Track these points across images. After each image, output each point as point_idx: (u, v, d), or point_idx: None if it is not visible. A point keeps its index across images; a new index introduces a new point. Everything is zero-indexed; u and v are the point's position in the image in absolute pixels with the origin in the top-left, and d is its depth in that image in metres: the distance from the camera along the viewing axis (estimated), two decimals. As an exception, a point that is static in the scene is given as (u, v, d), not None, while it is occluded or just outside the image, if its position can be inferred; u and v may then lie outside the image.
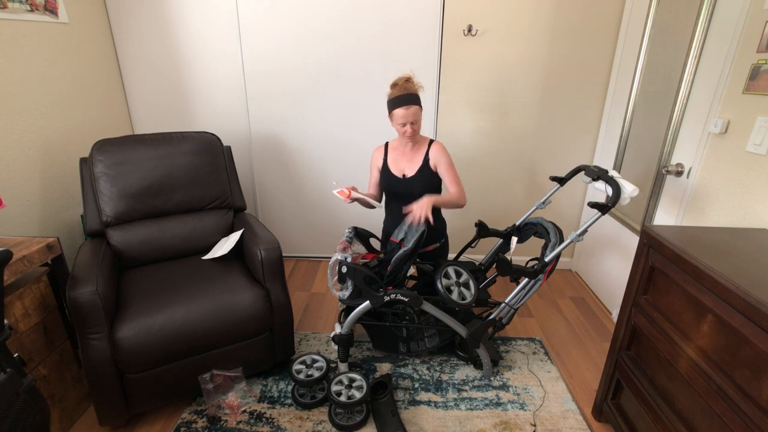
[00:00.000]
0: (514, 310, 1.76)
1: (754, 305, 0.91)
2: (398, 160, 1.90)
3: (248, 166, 2.66)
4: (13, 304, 1.32)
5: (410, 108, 1.70)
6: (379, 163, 1.94)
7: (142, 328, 1.44)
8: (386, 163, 1.91)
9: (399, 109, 1.71)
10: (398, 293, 1.61)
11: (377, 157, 1.96)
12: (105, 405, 1.46)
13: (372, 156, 1.99)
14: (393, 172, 1.89)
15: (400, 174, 1.88)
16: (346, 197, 1.75)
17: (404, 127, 1.74)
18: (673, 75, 1.82)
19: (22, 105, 1.81)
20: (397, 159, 1.90)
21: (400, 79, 1.75)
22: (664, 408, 1.23)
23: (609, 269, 2.38)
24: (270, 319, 1.68)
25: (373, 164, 1.98)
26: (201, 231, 1.95)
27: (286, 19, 2.31)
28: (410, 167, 1.87)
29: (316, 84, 2.44)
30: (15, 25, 1.77)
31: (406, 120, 1.72)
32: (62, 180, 2.03)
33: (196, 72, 2.44)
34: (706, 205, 1.64)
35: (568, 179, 1.80)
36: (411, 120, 1.73)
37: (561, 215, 2.68)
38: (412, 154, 1.88)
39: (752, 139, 1.41)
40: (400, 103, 1.71)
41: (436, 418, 1.64)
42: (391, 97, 1.74)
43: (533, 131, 2.51)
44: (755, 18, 1.42)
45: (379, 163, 1.94)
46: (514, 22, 2.27)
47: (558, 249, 1.60)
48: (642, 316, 1.34)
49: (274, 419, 1.62)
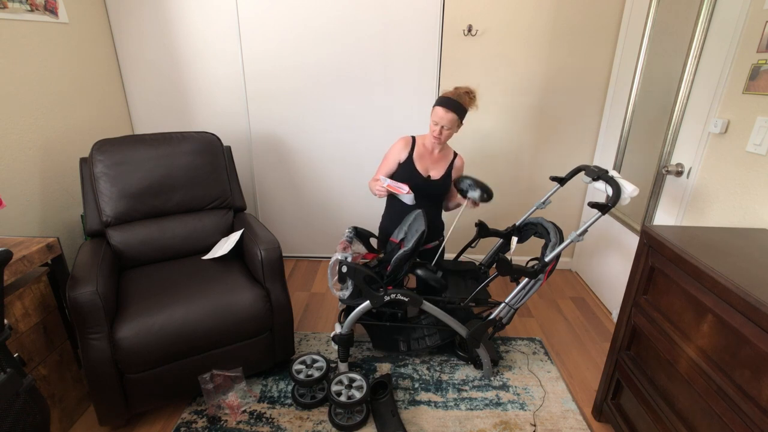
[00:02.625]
0: (514, 310, 1.76)
1: (754, 305, 0.91)
2: (424, 158, 1.89)
3: (248, 166, 2.66)
4: (13, 304, 1.32)
5: (449, 113, 1.71)
6: (403, 156, 1.87)
7: (142, 328, 1.44)
8: (412, 158, 1.87)
9: (440, 108, 1.73)
10: (398, 293, 1.61)
11: (402, 150, 1.88)
12: (105, 405, 1.46)
13: (395, 144, 1.91)
14: (418, 169, 1.86)
15: (424, 173, 1.87)
16: (407, 191, 1.75)
17: (436, 126, 1.76)
18: (673, 75, 1.82)
19: (22, 105, 1.81)
20: (423, 156, 1.89)
21: (462, 87, 1.79)
22: (664, 408, 1.23)
23: (609, 269, 2.38)
24: (270, 319, 1.68)
25: (394, 154, 1.90)
26: (201, 231, 1.95)
27: (286, 19, 2.31)
28: (436, 170, 1.89)
29: (316, 84, 2.44)
30: (15, 25, 1.77)
31: (440, 121, 1.73)
32: (62, 180, 2.03)
33: (196, 72, 2.44)
34: (706, 205, 1.64)
35: (568, 179, 1.80)
36: (444, 124, 1.73)
37: (561, 215, 2.68)
38: (438, 158, 1.90)
39: (752, 139, 1.41)
40: (444, 103, 1.72)
41: (436, 418, 1.64)
42: (443, 94, 1.77)
43: (533, 131, 2.51)
44: (755, 18, 1.42)
45: (401, 157, 1.88)
46: (514, 22, 2.27)
47: (558, 249, 1.60)
48: (642, 316, 1.34)
49: (274, 419, 1.62)
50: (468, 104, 1.77)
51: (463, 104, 1.74)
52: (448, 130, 1.76)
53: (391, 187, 1.76)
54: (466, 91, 1.77)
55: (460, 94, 1.75)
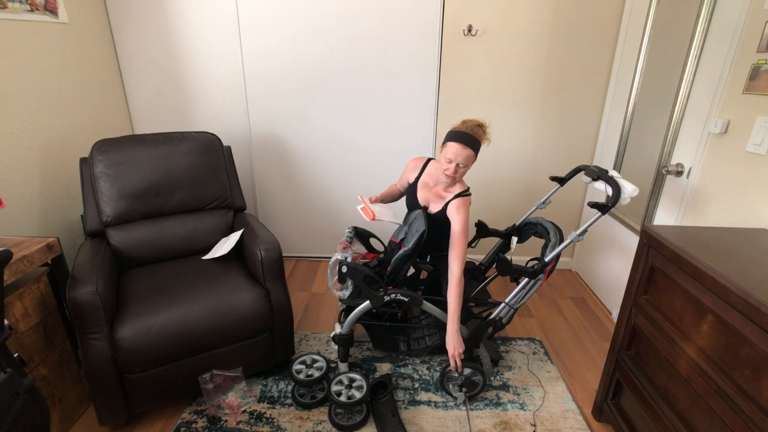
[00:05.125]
0: (514, 310, 1.76)
1: (754, 305, 0.91)
2: (428, 188, 1.77)
3: (248, 166, 2.66)
4: (13, 304, 1.32)
5: (466, 149, 1.56)
6: (411, 178, 1.82)
7: (142, 328, 1.44)
8: (417, 183, 1.79)
9: (454, 143, 1.56)
10: (398, 293, 1.61)
11: (412, 171, 1.82)
12: (105, 405, 1.46)
13: (408, 164, 1.85)
14: (418, 196, 1.78)
15: (423, 203, 1.78)
16: (370, 218, 1.69)
17: (450, 164, 1.58)
18: (673, 75, 1.82)
19: (22, 105, 1.81)
20: (428, 185, 1.77)
21: (473, 121, 1.62)
22: (664, 408, 1.23)
23: (609, 269, 2.38)
24: (270, 319, 1.68)
25: (406, 173, 1.85)
26: (201, 231, 1.95)
27: (286, 18, 2.31)
28: (435, 204, 1.75)
29: (316, 84, 2.44)
30: (15, 25, 1.77)
31: (455, 158, 1.57)
32: (62, 180, 2.03)
33: (196, 72, 2.44)
34: (706, 205, 1.64)
35: (568, 179, 1.80)
36: (460, 161, 1.57)
37: (561, 215, 2.68)
38: (442, 191, 1.73)
39: (752, 139, 1.41)
40: (459, 139, 1.56)
41: (436, 418, 1.64)
42: (453, 129, 1.61)
43: (533, 131, 2.51)
44: (755, 18, 1.42)
45: (410, 178, 1.83)
46: (514, 22, 2.27)
47: (558, 249, 1.60)
48: (642, 316, 1.34)
49: (274, 419, 1.62)
50: (482, 138, 1.61)
51: (480, 140, 1.60)
52: (464, 168, 1.60)
53: (363, 210, 1.73)
54: (478, 124, 1.61)
55: (472, 127, 1.59)
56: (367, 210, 1.73)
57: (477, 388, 1.70)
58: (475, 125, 1.60)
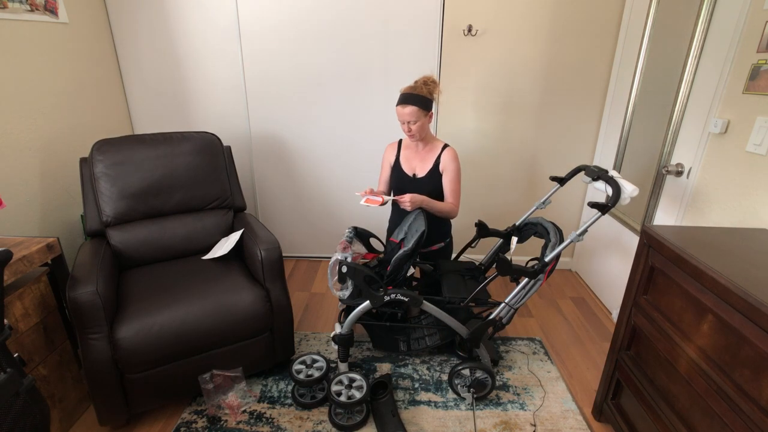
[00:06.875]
0: (514, 310, 1.76)
1: (754, 305, 0.91)
2: (410, 159, 1.91)
3: (248, 166, 2.66)
4: (13, 304, 1.32)
5: (406, 107, 1.72)
6: (392, 159, 1.94)
7: (142, 328, 1.44)
8: (398, 160, 1.92)
9: (398, 106, 1.75)
10: (398, 293, 1.61)
11: (390, 153, 1.96)
12: (105, 405, 1.46)
13: (385, 151, 2.00)
14: (404, 170, 1.90)
15: (411, 173, 1.89)
16: (379, 203, 1.74)
17: (404, 125, 1.77)
18: (673, 75, 1.82)
19: (22, 105, 1.81)
20: (410, 157, 1.91)
21: (420, 79, 1.77)
22: (664, 408, 1.23)
23: (609, 269, 2.38)
24: (270, 319, 1.68)
25: (386, 160, 1.98)
26: (201, 231, 1.95)
27: (286, 19, 2.31)
28: (421, 167, 1.88)
29: (316, 84, 2.44)
30: (15, 25, 1.77)
31: (402, 118, 1.75)
32: (62, 180, 2.03)
33: (196, 72, 2.44)
34: (706, 205, 1.64)
35: (568, 179, 1.80)
36: (407, 119, 1.74)
37: (561, 215, 2.68)
38: (424, 154, 1.88)
39: (752, 139, 1.41)
40: (399, 101, 1.74)
41: (436, 418, 1.64)
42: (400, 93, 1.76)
43: (533, 131, 2.51)
44: (755, 18, 1.42)
45: (391, 159, 1.95)
46: (514, 22, 2.27)
47: (558, 249, 1.60)
48: (642, 316, 1.34)
49: (274, 419, 1.62)
50: (428, 93, 1.74)
51: (420, 94, 1.72)
52: (415, 124, 1.75)
53: (370, 202, 1.75)
54: (423, 81, 1.75)
55: (416, 86, 1.74)
56: (372, 199, 1.76)
57: (485, 389, 1.70)
58: (421, 83, 1.75)
